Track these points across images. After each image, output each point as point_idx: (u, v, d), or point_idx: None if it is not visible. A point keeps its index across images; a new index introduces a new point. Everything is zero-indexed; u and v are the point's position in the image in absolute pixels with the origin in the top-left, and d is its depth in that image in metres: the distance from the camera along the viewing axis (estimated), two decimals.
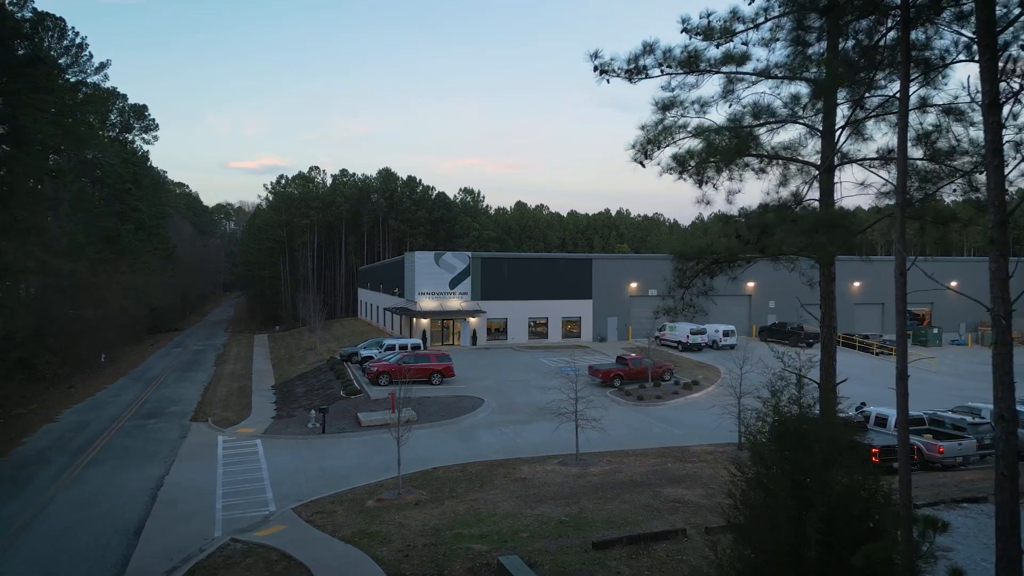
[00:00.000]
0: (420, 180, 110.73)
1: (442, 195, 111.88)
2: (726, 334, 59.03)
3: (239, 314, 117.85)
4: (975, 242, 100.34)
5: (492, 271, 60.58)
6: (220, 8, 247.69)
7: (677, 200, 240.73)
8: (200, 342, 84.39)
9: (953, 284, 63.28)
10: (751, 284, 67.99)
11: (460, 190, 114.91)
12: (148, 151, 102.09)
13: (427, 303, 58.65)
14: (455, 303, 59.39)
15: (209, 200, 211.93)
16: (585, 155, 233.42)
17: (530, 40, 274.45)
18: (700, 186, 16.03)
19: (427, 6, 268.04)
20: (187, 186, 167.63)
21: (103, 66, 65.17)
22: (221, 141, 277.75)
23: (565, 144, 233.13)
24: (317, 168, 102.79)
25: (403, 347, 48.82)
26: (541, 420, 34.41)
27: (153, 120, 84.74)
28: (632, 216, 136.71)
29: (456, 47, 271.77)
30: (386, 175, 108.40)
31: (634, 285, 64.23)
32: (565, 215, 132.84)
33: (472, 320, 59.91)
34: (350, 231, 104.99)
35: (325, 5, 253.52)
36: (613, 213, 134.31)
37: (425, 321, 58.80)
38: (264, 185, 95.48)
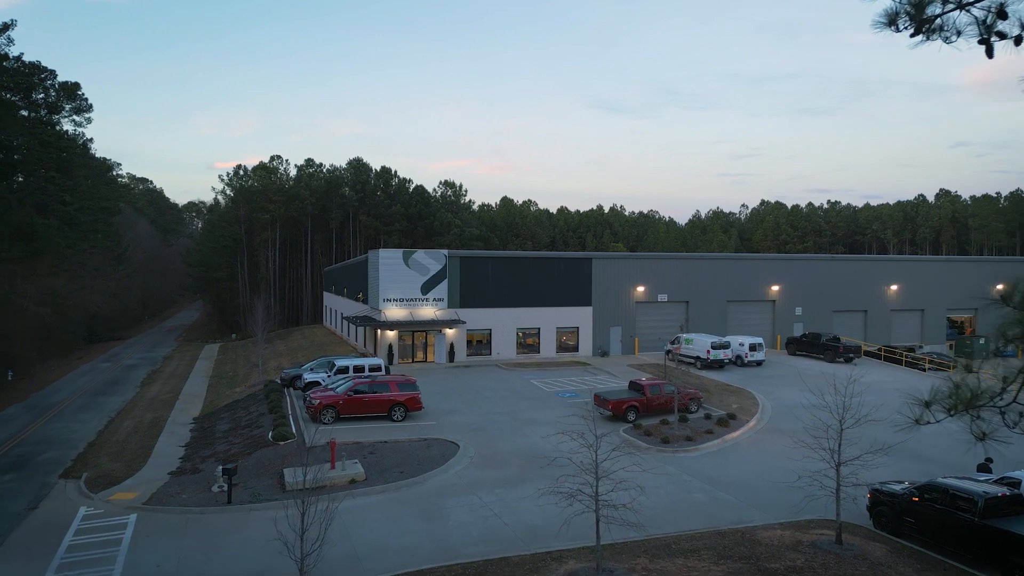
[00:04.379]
0: (395, 172, 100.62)
1: (420, 189, 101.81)
2: (753, 348, 49.52)
3: (201, 320, 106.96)
4: None
5: (473, 273, 50.67)
6: (221, 9, 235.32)
7: (673, 198, 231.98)
8: (139, 354, 73.61)
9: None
10: (775, 287, 58.58)
11: (440, 183, 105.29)
12: (88, 138, 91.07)
13: (394, 311, 48.61)
14: (428, 311, 49.36)
15: (185, 200, 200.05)
16: (574, 156, 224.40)
17: (516, 43, 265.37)
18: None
19: (410, 9, 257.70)
20: (150, 181, 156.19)
21: (6, 27, 54.43)
22: (208, 142, 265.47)
23: (553, 145, 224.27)
24: (279, 157, 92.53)
25: (359, 368, 38.70)
26: (537, 476, 24.71)
27: (87, 100, 73.82)
28: (627, 213, 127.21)
29: (442, 50, 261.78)
30: (357, 166, 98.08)
31: (641, 289, 54.55)
32: (555, 212, 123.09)
33: (449, 332, 49.93)
34: (317, 228, 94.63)
35: (319, 11, 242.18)
36: (607, 210, 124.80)
37: (392, 334, 48.74)
38: (220, 176, 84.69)
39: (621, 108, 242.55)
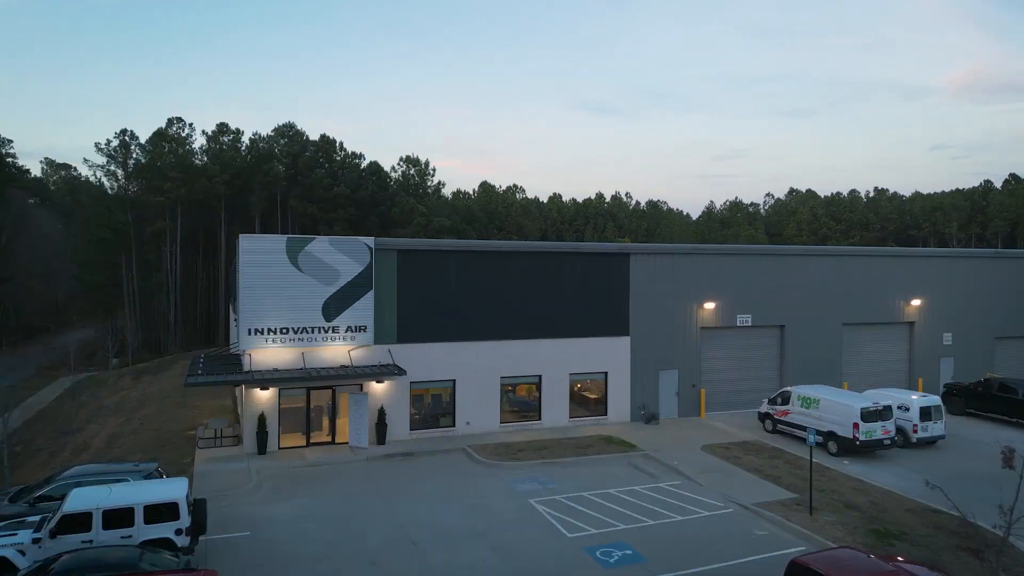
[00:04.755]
0: (341, 143, 77.45)
1: (375, 167, 78.79)
2: (926, 414, 27.57)
3: (94, 338, 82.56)
4: None
5: (423, 281, 28.06)
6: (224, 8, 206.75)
7: (683, 190, 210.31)
8: None
9: None
10: (916, 302, 36.54)
11: (401, 159, 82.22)
12: None
13: (271, 353, 25.87)
14: (337, 351, 26.71)
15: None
16: (560, 158, 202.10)
17: (497, 44, 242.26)
18: None
19: (386, 8, 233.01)
20: (73, 168, 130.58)
21: None
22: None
23: (539, 147, 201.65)
24: (181, 120, 68.91)
25: (112, 518, 15.89)
26: None
27: None
28: (633, 203, 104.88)
29: (422, 51, 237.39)
30: (289, 134, 74.69)
31: (710, 307, 32.30)
32: (546, 201, 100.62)
33: (376, 388, 27.26)
34: (235, 216, 71.33)
35: (309, 14, 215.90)
36: (608, 198, 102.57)
37: (265, 395, 25.91)
38: (96, 145, 61.79)
39: (607, 110, 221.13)
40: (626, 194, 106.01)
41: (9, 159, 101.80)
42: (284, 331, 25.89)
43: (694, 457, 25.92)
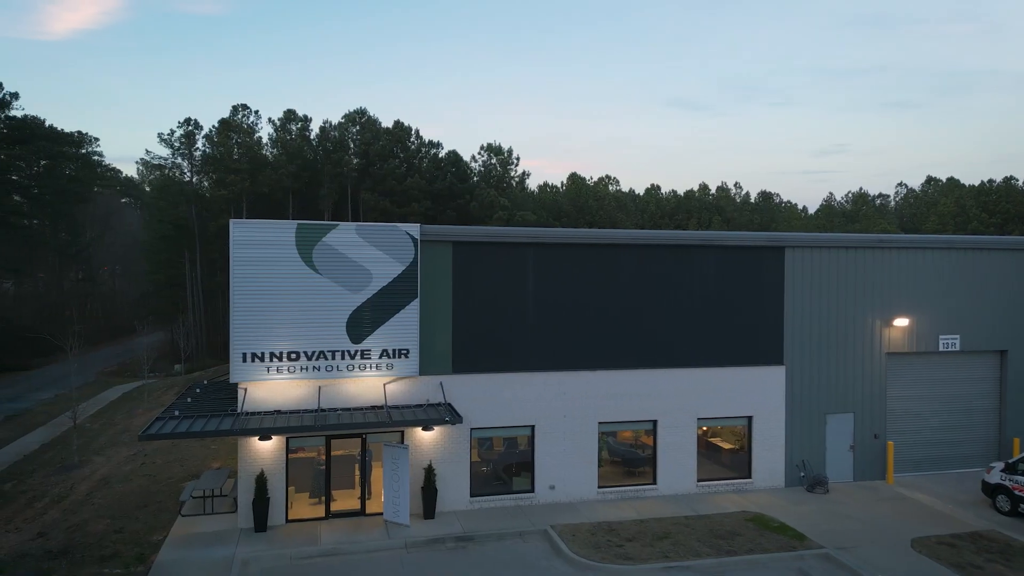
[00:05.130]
0: (417, 130, 70.69)
1: (454, 156, 71.63)
2: None
3: (160, 342, 79.71)
4: None
5: (487, 285, 19.86)
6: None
7: (783, 186, 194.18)
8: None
9: None
10: None
11: (482, 148, 74.48)
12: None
13: (276, 387, 18.38)
14: (367, 385, 18.91)
15: None
16: (648, 156, 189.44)
17: (582, 43, 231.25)
18: None
19: (457, 8, 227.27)
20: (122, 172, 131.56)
21: None
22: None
23: (628, 146, 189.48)
24: (246, 107, 63.98)
25: None
26: None
27: None
28: (743, 193, 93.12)
29: (503, 49, 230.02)
30: (361, 121, 68.47)
31: (901, 324, 22.45)
32: (642, 193, 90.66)
33: (423, 438, 19.25)
34: (304, 211, 65.87)
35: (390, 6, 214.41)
36: (712, 190, 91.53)
37: (268, 446, 18.41)
38: (159, 136, 57.69)
39: (697, 106, 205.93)
40: (735, 184, 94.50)
41: (95, 158, 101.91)
42: (293, 356, 18.33)
43: (905, 562, 16.51)
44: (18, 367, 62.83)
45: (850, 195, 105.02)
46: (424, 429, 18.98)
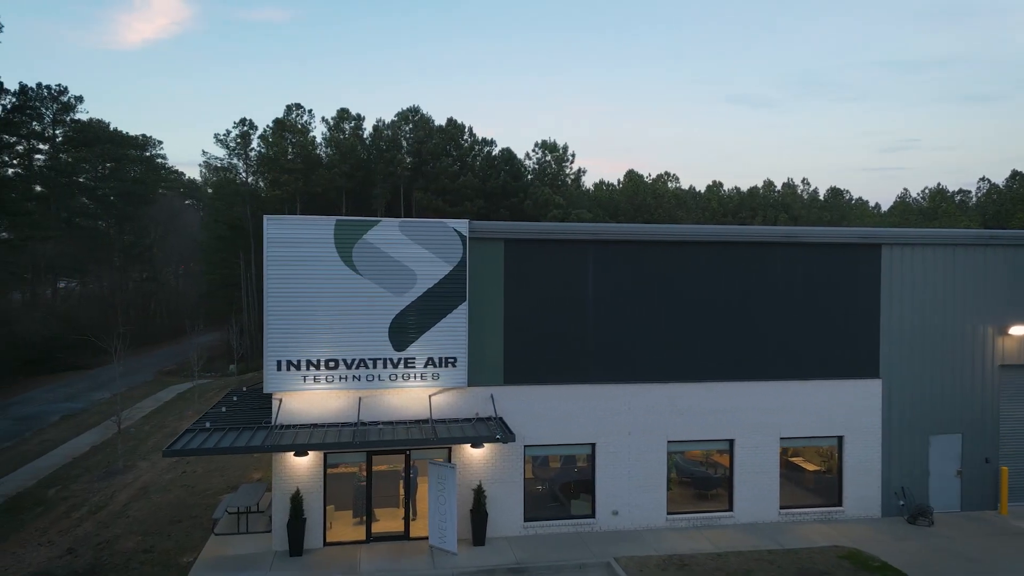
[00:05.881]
0: (470, 128, 69.27)
1: (508, 153, 69.93)
2: None
3: (215, 342, 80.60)
4: None
5: (543, 287, 17.92)
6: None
7: (849, 183, 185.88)
8: (68, 398, 47.24)
9: None
10: None
11: (536, 145, 72.68)
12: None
13: (313, 398, 16.90)
14: (409, 395, 17.24)
15: None
16: (710, 155, 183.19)
17: (632, 37, 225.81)
18: None
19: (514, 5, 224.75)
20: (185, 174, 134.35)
21: None
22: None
23: (689, 145, 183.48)
24: (300, 106, 63.72)
25: None
26: None
27: None
28: (811, 189, 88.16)
29: (560, 47, 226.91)
30: (415, 119, 67.35)
31: (1018, 332, 19.52)
32: (703, 190, 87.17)
33: (473, 454, 17.45)
34: (357, 211, 65.18)
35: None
36: (778, 186, 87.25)
37: (305, 462, 16.91)
38: (215, 136, 58.04)
39: (760, 102, 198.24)
40: (803, 180, 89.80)
41: (159, 160, 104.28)
42: (331, 364, 16.79)
43: None
44: (80, 366, 64.09)
45: (926, 191, 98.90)
46: (473, 446, 17.19)
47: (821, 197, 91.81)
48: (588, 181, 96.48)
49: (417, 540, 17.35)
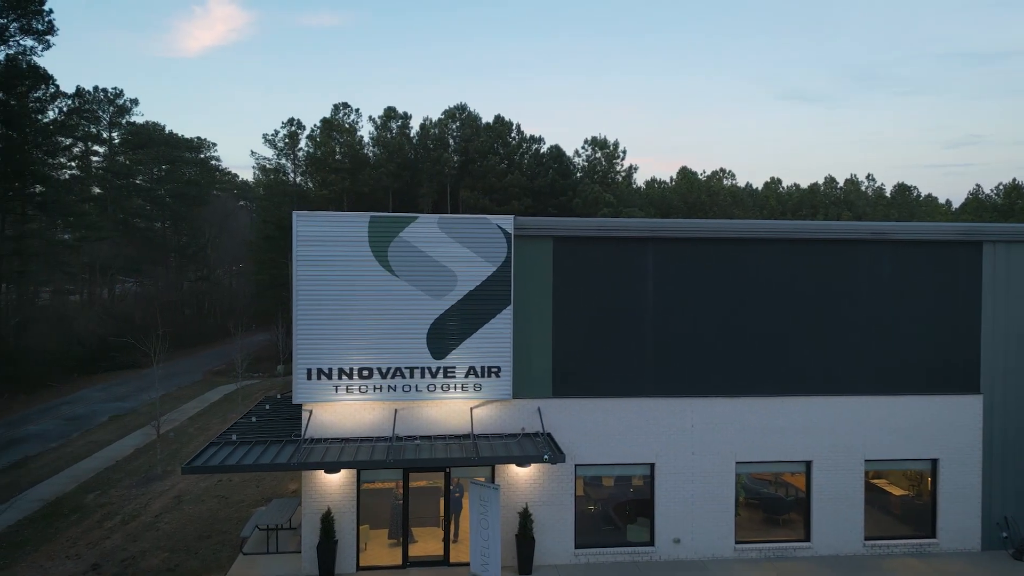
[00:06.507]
0: (518, 125, 67.79)
1: (556, 151, 68.22)
2: None
3: (266, 343, 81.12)
4: None
5: (595, 290, 16.21)
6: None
7: (912, 180, 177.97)
8: (116, 398, 47.68)
9: None
10: None
11: (585, 142, 70.66)
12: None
13: (346, 409, 15.58)
14: (449, 407, 15.77)
15: None
16: (761, 153, 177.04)
17: (681, 33, 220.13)
18: None
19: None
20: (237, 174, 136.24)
21: None
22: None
23: (739, 143, 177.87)
24: (347, 106, 63.27)
25: None
26: None
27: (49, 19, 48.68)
28: (875, 186, 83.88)
29: (612, 44, 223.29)
30: (462, 117, 66.28)
31: None
32: (760, 188, 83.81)
33: (518, 474, 15.87)
34: (403, 210, 64.45)
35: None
36: (840, 183, 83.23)
37: (336, 480, 15.60)
38: (264, 137, 58.38)
39: (815, 97, 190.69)
40: (867, 176, 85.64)
41: (213, 162, 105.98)
42: (365, 373, 15.46)
43: None
44: (134, 365, 65.03)
45: (1001, 187, 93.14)
46: (519, 466, 15.62)
47: (887, 194, 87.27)
48: (639, 179, 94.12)
49: (457, 566, 15.88)
